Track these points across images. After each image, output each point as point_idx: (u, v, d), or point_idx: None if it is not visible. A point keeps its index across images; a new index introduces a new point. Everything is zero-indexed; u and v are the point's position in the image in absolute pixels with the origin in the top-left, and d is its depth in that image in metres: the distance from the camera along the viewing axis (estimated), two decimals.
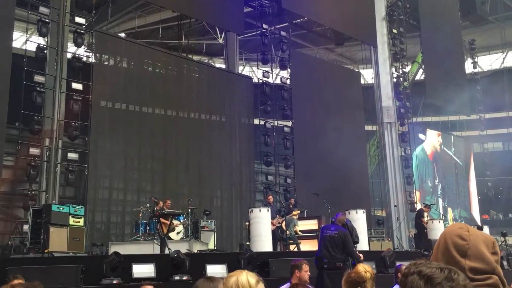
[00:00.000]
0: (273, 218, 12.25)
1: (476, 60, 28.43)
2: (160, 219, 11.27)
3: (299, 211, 13.66)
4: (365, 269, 3.71)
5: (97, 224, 13.92)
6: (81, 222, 10.37)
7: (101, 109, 14.59)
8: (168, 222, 11.28)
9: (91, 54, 14.70)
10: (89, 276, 7.72)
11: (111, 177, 14.66)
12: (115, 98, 15.14)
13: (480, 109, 27.27)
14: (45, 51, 13.10)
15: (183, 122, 16.74)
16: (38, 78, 12.57)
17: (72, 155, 12.89)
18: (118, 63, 16.03)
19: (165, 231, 11.24)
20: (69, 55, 13.85)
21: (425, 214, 15.31)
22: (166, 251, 10.51)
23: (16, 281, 5.55)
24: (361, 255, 8.71)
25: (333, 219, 8.72)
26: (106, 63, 15.38)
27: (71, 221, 10.06)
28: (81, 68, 13.54)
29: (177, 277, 8.21)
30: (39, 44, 13.19)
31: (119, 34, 18.67)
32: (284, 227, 12.59)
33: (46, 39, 13.59)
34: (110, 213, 14.51)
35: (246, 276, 1.91)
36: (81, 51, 14.21)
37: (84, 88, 13.22)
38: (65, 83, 13.24)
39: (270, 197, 13.60)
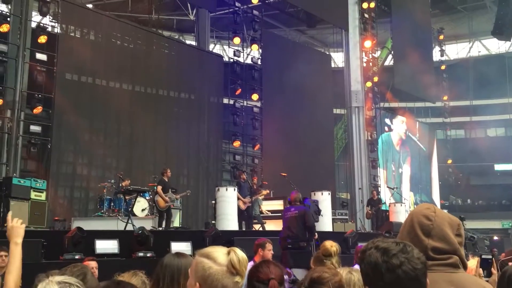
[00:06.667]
0: (245, 196, 12.25)
1: (443, 48, 28.96)
2: (158, 192, 11.27)
3: (267, 191, 13.71)
4: (331, 244, 4.05)
5: (59, 199, 13.64)
6: (43, 196, 10.12)
7: (66, 82, 14.18)
8: (167, 199, 11.32)
9: (56, 24, 14.21)
10: (50, 251, 7.58)
11: (75, 152, 14.34)
12: (81, 71, 14.74)
13: (445, 97, 27.90)
14: (8, 19, 12.57)
15: (151, 98, 16.47)
16: (0, 47, 12.10)
17: (34, 128, 12.49)
18: (85, 35, 15.55)
19: (163, 206, 11.23)
20: (33, 24, 13.35)
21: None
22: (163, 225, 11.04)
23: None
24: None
25: (288, 199, 8.82)
26: (72, 34, 14.91)
27: (33, 195, 9.80)
28: (46, 39, 13.05)
29: (141, 254, 8.16)
30: (2, 11, 12.63)
31: (87, 5, 18.09)
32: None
33: (9, 7, 13.04)
34: (74, 188, 14.24)
35: (242, 253, 1.80)
36: (47, 21, 13.70)
37: (49, 60, 12.78)
38: (29, 53, 12.76)
39: (243, 175, 13.06)
